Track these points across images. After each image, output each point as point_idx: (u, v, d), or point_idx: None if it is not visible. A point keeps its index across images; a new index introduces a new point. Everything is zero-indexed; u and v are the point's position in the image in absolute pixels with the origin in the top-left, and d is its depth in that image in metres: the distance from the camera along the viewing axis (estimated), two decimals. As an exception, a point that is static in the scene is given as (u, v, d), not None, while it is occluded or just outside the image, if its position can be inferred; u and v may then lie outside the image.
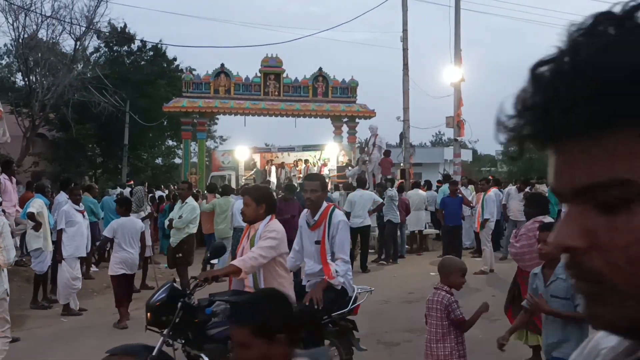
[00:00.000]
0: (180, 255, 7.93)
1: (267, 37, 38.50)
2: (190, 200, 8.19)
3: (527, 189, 12.40)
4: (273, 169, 22.62)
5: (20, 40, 21.57)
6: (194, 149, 27.39)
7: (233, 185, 21.88)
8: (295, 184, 19.32)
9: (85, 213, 8.09)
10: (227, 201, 10.79)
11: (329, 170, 22.12)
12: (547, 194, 13.37)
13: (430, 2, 36.78)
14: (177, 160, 33.84)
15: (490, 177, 17.10)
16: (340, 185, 16.88)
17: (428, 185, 16.07)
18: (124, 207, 7.55)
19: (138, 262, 7.89)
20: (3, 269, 5.55)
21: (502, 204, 12.29)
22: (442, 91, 17.21)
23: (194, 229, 8.13)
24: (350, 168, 18.90)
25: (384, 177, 15.31)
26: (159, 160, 34.17)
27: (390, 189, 12.00)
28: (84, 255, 7.96)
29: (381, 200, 11.21)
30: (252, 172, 24.13)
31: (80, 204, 8.12)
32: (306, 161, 22.55)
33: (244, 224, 4.66)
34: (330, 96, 23.91)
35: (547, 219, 5.17)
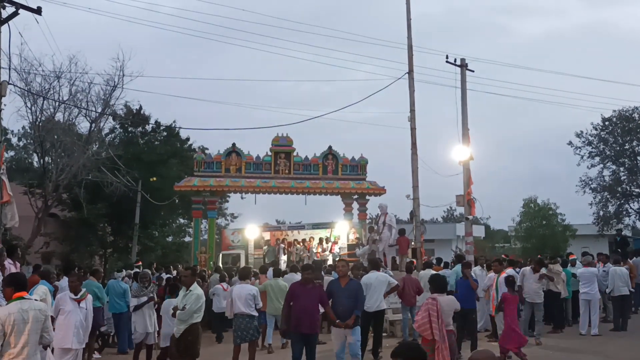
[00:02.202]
0: (183, 347, 7.59)
1: (278, 116, 39.59)
2: (194, 287, 7.83)
3: (542, 270, 12.06)
4: (282, 247, 22.41)
5: (38, 123, 22.14)
6: (204, 227, 27.35)
7: (243, 263, 21.63)
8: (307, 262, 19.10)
9: (86, 301, 7.73)
10: (277, 282, 11.66)
11: (339, 249, 21.87)
12: (561, 274, 13.06)
13: (436, 84, 37.66)
14: (188, 239, 33.75)
15: (503, 256, 16.77)
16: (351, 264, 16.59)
17: (438, 262, 15.72)
18: None
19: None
20: None
21: (518, 285, 11.92)
22: (452, 169, 17.22)
23: (198, 318, 7.71)
24: (360, 247, 18.68)
25: (401, 257, 15.02)
26: (169, 239, 34.11)
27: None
28: (69, 346, 7.41)
29: (396, 282, 10.91)
30: (263, 249, 23.94)
31: (80, 291, 7.71)
32: (320, 240, 22.37)
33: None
34: (340, 174, 24.09)
35: (441, 297, 7.07)
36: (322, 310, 8.13)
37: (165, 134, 32.60)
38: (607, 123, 31.00)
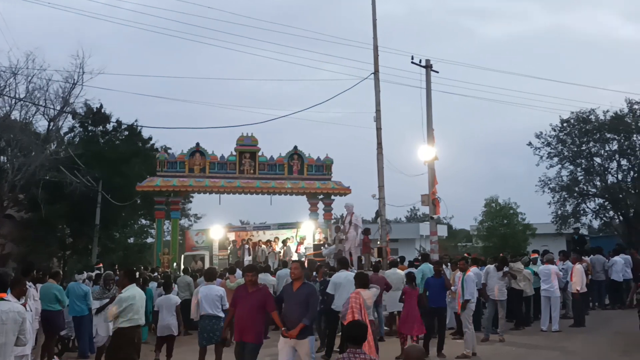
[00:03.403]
0: (107, 353, 7.30)
1: (243, 115, 39.22)
2: (128, 289, 7.40)
3: (505, 269, 12.28)
4: (247, 247, 22.22)
5: (-8, 121, 21.42)
6: (167, 228, 26.94)
7: (207, 264, 21.37)
8: (272, 263, 19.01)
9: (28, 305, 7.38)
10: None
11: (305, 249, 21.84)
12: (522, 272, 13.32)
13: (401, 84, 38.05)
14: (150, 240, 33.17)
15: (466, 255, 17.01)
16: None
17: (401, 260, 15.87)
18: None
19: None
20: None
21: (482, 283, 12.11)
22: (417, 169, 17.38)
23: (124, 323, 7.20)
24: (326, 246, 18.67)
25: (367, 256, 15.08)
26: (131, 240, 33.45)
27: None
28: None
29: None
30: (228, 250, 23.72)
31: (25, 297, 7.32)
32: (284, 240, 22.29)
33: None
34: (305, 174, 24.08)
35: (364, 292, 8.08)
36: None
37: (126, 133, 31.95)
38: (565, 124, 31.74)
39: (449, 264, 13.59)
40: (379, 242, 17.16)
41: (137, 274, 16.58)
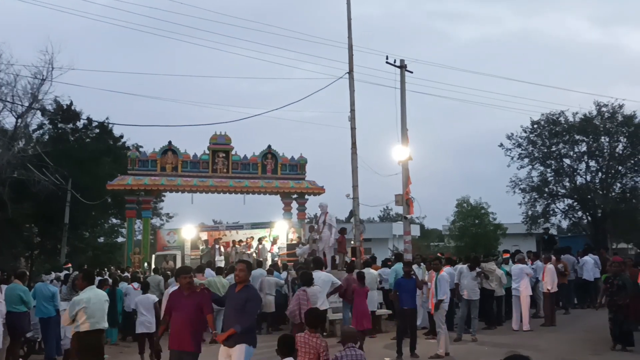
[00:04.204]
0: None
1: (216, 115, 38.84)
2: (84, 291, 7.07)
3: (477, 269, 12.36)
4: (218, 247, 22.01)
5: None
6: (138, 227, 26.50)
7: (179, 264, 21.10)
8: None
9: None
10: (219, 279, 13.04)
11: (278, 249, 21.72)
12: (495, 272, 13.44)
13: (377, 84, 38.14)
14: (121, 240, 32.63)
15: (439, 255, 17.12)
16: (290, 264, 16.48)
17: (373, 260, 15.91)
18: None
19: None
20: None
21: (455, 283, 12.17)
22: (391, 169, 17.41)
23: (77, 328, 6.88)
24: (300, 246, 18.58)
25: (341, 256, 15.03)
26: (101, 240, 32.86)
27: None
28: None
29: (340, 282, 10.87)
30: (200, 250, 23.47)
31: None
32: (260, 239, 22.13)
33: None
34: (279, 173, 23.96)
35: (309, 289, 8.93)
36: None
37: (97, 130, 31.36)
38: (535, 126, 32.27)
39: (422, 263, 13.63)
40: (352, 242, 17.15)
41: (108, 274, 16.34)
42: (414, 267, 13.54)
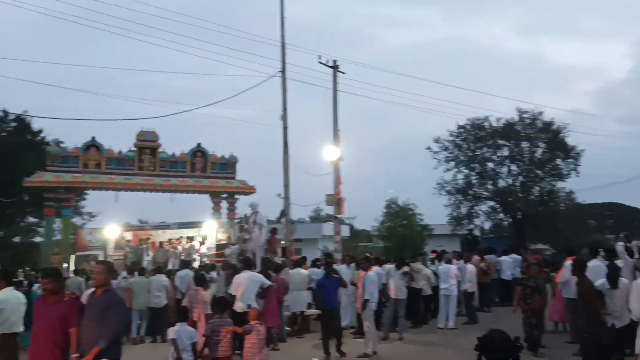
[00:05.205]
0: None
1: (147, 112, 37.62)
2: (2, 292, 6.73)
3: (405, 268, 12.55)
4: (144, 247, 21.30)
5: None
6: (58, 227, 25.26)
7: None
8: (172, 263, 18.33)
9: None
10: (142, 280, 12.91)
11: (207, 249, 21.28)
12: (422, 272, 13.72)
13: (309, 84, 37.91)
14: (39, 239, 31.01)
15: (368, 255, 17.29)
16: (218, 265, 16.15)
17: (303, 259, 15.89)
18: None
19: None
20: None
21: (382, 283, 12.29)
22: (322, 169, 17.46)
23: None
24: (230, 246, 18.27)
25: (271, 256, 14.89)
26: (17, 239, 31.13)
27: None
28: None
29: (269, 283, 10.73)
30: (125, 250, 22.60)
31: None
32: (190, 238, 21.59)
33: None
34: (209, 172, 23.51)
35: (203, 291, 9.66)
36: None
37: (14, 124, 29.67)
38: (461, 130, 33.40)
39: (352, 264, 13.71)
40: (282, 242, 17.04)
41: (23, 275, 15.44)
42: (344, 266, 13.67)
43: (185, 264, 15.65)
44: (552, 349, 9.26)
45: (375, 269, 11.87)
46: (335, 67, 17.90)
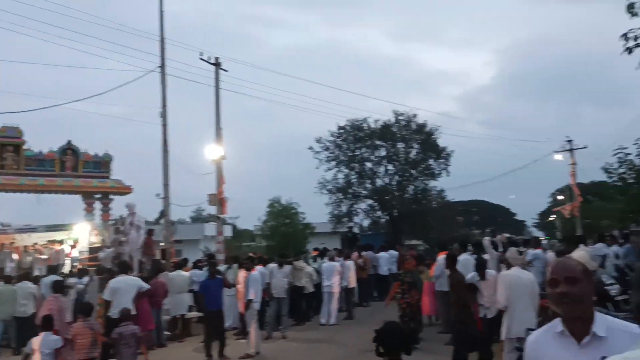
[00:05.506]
0: None
1: (8, 106, 34.47)
2: None
3: (289, 266, 12.64)
4: (7, 252, 19.58)
5: None
6: None
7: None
8: (38, 269, 17.00)
9: None
10: (6, 287, 12.14)
11: (79, 252, 20.00)
12: (305, 270, 13.90)
13: (191, 81, 36.79)
14: None
15: (251, 254, 17.20)
16: (91, 269, 15.25)
17: (185, 261, 15.50)
18: None
19: None
20: None
21: (266, 282, 12.28)
22: (205, 168, 17.08)
23: None
24: (104, 249, 17.31)
25: (149, 259, 14.31)
26: None
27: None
28: None
29: (148, 287, 10.29)
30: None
31: None
32: (60, 241, 20.10)
33: None
34: (80, 171, 22.06)
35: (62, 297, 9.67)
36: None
37: None
38: (342, 131, 34.33)
39: (234, 264, 13.56)
40: (162, 244, 16.45)
41: None
42: (223, 267, 13.52)
43: (53, 269, 14.61)
44: (426, 341, 9.75)
45: (258, 268, 11.85)
46: (217, 65, 17.60)
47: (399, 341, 3.71)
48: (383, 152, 34.56)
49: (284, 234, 35.28)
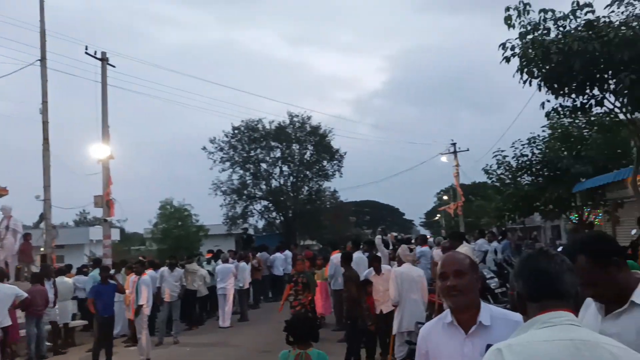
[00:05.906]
0: None
1: None
2: None
3: (181, 269, 12.31)
4: None
5: None
6: None
7: None
8: None
9: None
10: None
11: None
12: (198, 272, 13.60)
13: (75, 76, 34.69)
14: None
15: (141, 258, 16.56)
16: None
17: (68, 267, 14.67)
18: None
19: None
20: None
21: (157, 286, 11.87)
22: (90, 169, 16.18)
23: None
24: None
25: (27, 265, 13.32)
26: None
27: None
28: None
29: (25, 295, 9.55)
30: None
31: None
32: None
33: None
34: (-53, 171, 20.10)
35: None
36: None
37: None
38: (236, 131, 33.96)
39: (123, 268, 12.98)
40: (42, 249, 15.39)
41: None
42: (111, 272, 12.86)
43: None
44: (320, 340, 9.86)
45: (149, 272, 11.42)
46: (104, 60, 16.75)
47: (307, 330, 4.16)
48: (278, 153, 34.65)
49: (177, 236, 34.35)
